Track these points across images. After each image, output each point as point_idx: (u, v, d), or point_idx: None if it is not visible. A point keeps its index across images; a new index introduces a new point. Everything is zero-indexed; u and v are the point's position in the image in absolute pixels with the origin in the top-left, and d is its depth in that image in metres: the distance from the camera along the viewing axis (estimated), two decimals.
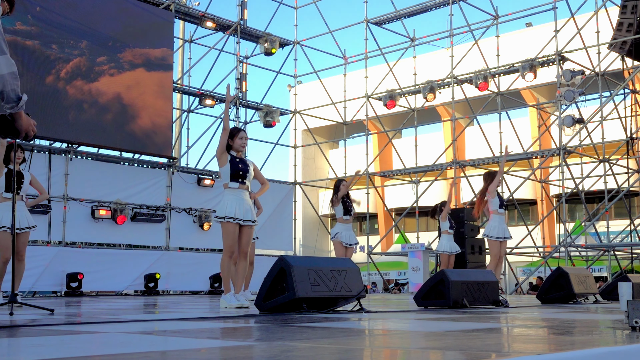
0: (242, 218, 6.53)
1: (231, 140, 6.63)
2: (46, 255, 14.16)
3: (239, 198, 6.57)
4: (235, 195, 6.56)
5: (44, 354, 2.55)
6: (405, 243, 20.79)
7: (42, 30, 14.88)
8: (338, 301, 5.81)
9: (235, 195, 6.56)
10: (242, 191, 6.62)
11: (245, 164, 6.66)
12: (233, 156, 6.62)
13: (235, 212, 6.50)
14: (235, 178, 6.56)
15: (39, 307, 5.98)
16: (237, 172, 6.55)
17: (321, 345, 2.90)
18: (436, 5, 20.16)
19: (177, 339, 3.26)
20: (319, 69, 22.33)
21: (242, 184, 6.61)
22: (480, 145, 22.72)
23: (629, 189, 19.76)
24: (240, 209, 6.53)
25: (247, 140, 6.85)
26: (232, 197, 6.55)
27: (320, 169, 31.23)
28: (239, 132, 6.72)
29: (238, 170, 6.56)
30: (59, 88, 15.11)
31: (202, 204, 17.77)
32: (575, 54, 18.15)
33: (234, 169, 6.55)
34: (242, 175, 6.58)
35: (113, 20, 16.27)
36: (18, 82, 2.82)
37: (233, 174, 6.55)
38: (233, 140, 6.63)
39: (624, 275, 11.04)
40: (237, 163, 6.59)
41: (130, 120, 16.32)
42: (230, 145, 6.64)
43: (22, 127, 2.89)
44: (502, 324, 4.51)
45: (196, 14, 18.65)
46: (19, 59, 13.90)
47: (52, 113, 14.84)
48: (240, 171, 6.57)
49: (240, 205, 6.54)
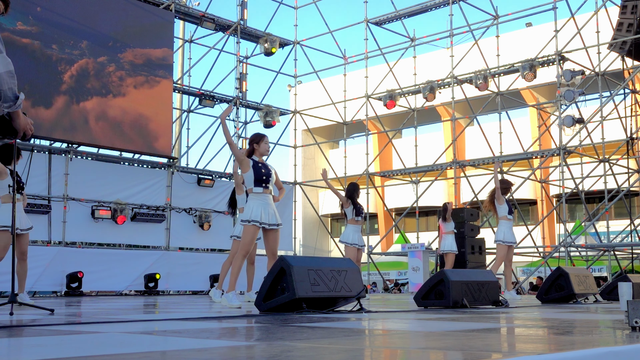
0: (267, 222, 6.72)
1: (256, 145, 6.84)
2: (46, 255, 14.16)
3: (264, 202, 6.75)
4: (260, 199, 6.74)
5: (44, 354, 2.55)
6: (405, 243, 20.79)
7: (42, 31, 14.87)
8: (338, 301, 5.81)
9: (261, 200, 6.74)
10: (267, 195, 6.81)
11: (267, 169, 6.84)
12: (256, 161, 6.79)
13: (260, 216, 6.67)
14: (259, 183, 6.74)
15: (39, 307, 5.98)
16: (260, 177, 6.74)
17: (321, 345, 2.90)
18: (436, 5, 20.16)
19: (177, 339, 3.26)
20: (319, 69, 22.35)
21: (266, 188, 6.79)
22: (480, 145, 22.71)
23: (629, 189, 19.75)
24: (265, 213, 6.71)
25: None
26: (258, 201, 6.72)
27: (320, 169, 31.20)
28: (264, 137, 6.93)
29: (262, 175, 6.74)
30: (58, 88, 15.11)
31: (202, 204, 17.77)
32: (575, 54, 18.15)
33: (258, 174, 6.72)
34: (266, 180, 6.77)
35: (113, 21, 16.27)
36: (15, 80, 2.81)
37: (257, 179, 6.73)
38: (259, 145, 6.83)
39: (624, 275, 11.04)
40: (260, 168, 6.76)
41: (130, 120, 16.31)
42: (254, 150, 6.82)
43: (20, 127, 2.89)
44: (502, 324, 4.51)
45: (196, 14, 18.65)
46: (19, 59, 13.90)
47: (52, 112, 14.84)
48: (263, 176, 6.75)
49: (266, 209, 6.73)
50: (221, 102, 19.46)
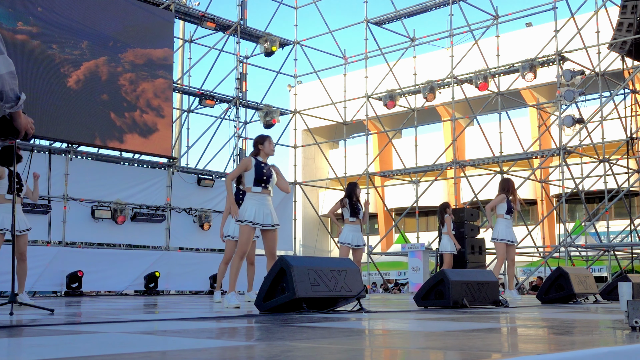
0: (261, 222, 6.68)
1: (261, 145, 6.83)
2: (46, 255, 14.16)
3: (260, 203, 6.71)
4: (256, 199, 6.71)
5: (44, 354, 2.55)
6: (405, 243, 20.79)
7: (43, 31, 14.87)
8: (338, 301, 5.81)
9: (257, 200, 6.71)
10: (264, 196, 6.76)
11: (269, 170, 6.82)
12: (259, 161, 6.79)
13: (254, 216, 6.64)
14: (259, 183, 6.72)
15: (39, 307, 5.98)
16: (261, 177, 6.72)
17: (321, 345, 2.90)
18: (436, 5, 20.16)
19: (177, 339, 3.26)
20: (319, 69, 22.36)
21: (265, 189, 6.76)
22: (480, 145, 22.72)
23: (629, 189, 19.75)
24: (260, 214, 6.67)
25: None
26: (254, 201, 6.69)
27: (320, 169, 31.24)
28: (268, 138, 6.93)
29: (262, 175, 6.72)
30: (58, 87, 15.11)
31: (202, 204, 17.76)
32: (575, 54, 18.15)
33: (259, 174, 6.71)
34: (266, 180, 6.75)
35: (113, 20, 16.27)
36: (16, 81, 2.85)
37: (257, 179, 6.71)
38: (263, 146, 6.83)
39: (624, 275, 11.04)
40: (262, 168, 6.76)
41: (130, 120, 16.32)
42: (260, 150, 6.82)
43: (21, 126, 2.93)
44: (502, 324, 4.51)
45: (196, 14, 18.65)
46: (19, 58, 13.90)
47: (52, 112, 14.84)
48: (264, 176, 6.73)
49: (261, 209, 6.69)
50: (221, 102, 19.46)
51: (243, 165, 6.76)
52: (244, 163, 6.77)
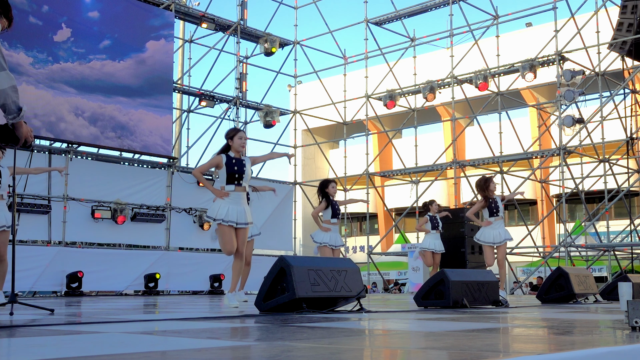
0: (234, 221, 6.50)
1: (230, 140, 6.59)
2: (46, 255, 14.17)
3: (233, 201, 6.52)
4: (230, 197, 6.51)
5: (44, 354, 2.55)
6: (405, 243, 20.79)
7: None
8: (338, 301, 5.81)
9: (230, 198, 6.51)
10: (238, 194, 6.56)
11: (241, 165, 6.58)
12: (230, 157, 6.56)
13: (227, 214, 6.46)
14: (230, 180, 6.51)
15: (39, 307, 5.97)
16: (232, 174, 6.49)
17: (321, 345, 2.90)
18: (436, 5, 20.15)
19: (177, 339, 3.26)
20: (319, 69, 22.35)
21: (239, 186, 6.56)
22: (480, 145, 22.71)
23: (629, 189, 19.74)
24: (232, 212, 6.48)
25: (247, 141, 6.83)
26: (227, 199, 6.50)
27: (320, 169, 31.24)
28: (238, 132, 6.67)
29: (233, 173, 6.50)
30: (58, 88, 15.10)
31: (202, 204, 17.75)
32: (575, 54, 18.14)
33: (229, 171, 6.49)
34: (238, 177, 6.52)
35: (113, 20, 16.27)
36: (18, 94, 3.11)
37: (228, 176, 6.50)
38: (232, 141, 6.58)
39: (624, 275, 11.04)
40: (233, 165, 6.52)
41: (130, 120, 16.31)
42: (229, 146, 6.60)
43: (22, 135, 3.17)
44: (502, 324, 4.51)
45: (196, 14, 18.65)
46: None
47: (52, 113, 14.83)
48: (235, 174, 6.50)
49: (234, 208, 6.50)
50: (221, 102, 19.46)
51: (214, 162, 6.54)
52: (215, 160, 6.55)
